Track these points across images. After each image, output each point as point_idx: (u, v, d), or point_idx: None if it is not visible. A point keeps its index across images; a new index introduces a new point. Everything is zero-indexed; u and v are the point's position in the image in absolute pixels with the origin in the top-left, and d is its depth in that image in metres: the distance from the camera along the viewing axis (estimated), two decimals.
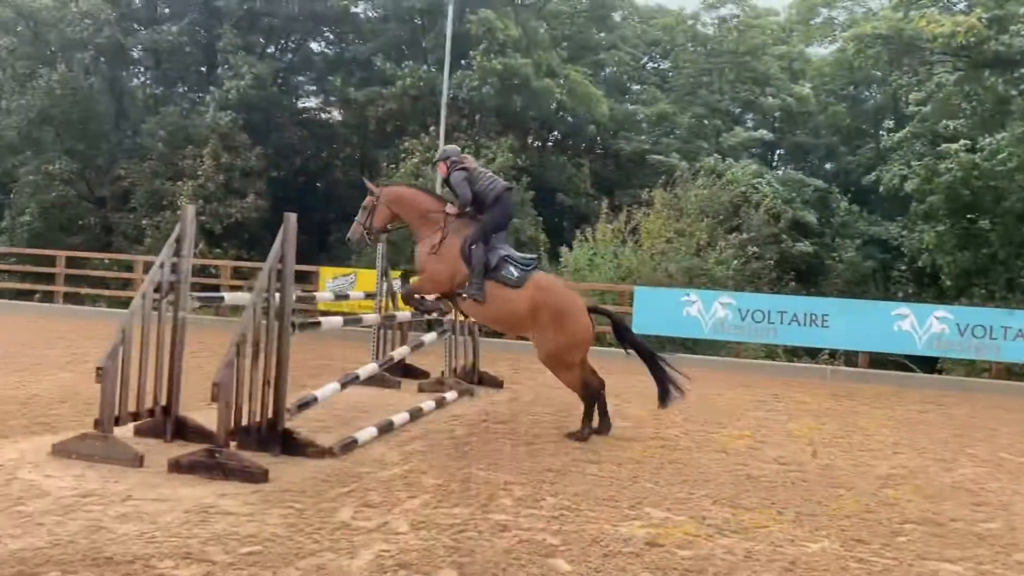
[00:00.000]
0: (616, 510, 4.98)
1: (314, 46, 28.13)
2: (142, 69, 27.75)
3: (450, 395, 8.47)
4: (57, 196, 23.95)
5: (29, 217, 23.47)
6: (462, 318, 9.36)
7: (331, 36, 27.78)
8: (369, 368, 7.63)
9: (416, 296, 7.44)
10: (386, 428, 6.72)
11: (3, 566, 3.58)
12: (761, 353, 15.67)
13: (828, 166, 28.81)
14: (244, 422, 5.64)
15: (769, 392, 10.90)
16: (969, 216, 19.45)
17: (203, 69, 26.59)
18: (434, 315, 8.11)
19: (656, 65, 31.58)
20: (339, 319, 7.43)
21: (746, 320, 13.65)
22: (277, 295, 5.91)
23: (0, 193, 25.72)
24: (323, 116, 29.04)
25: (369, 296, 9.53)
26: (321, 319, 7.21)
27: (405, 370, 9.64)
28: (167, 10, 25.88)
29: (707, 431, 7.80)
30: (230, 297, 7.12)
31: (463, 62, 23.14)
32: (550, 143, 28.41)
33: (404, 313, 9.05)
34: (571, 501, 5.10)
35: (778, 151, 30.00)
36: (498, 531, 4.45)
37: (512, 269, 7.07)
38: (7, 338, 11.90)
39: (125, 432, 5.84)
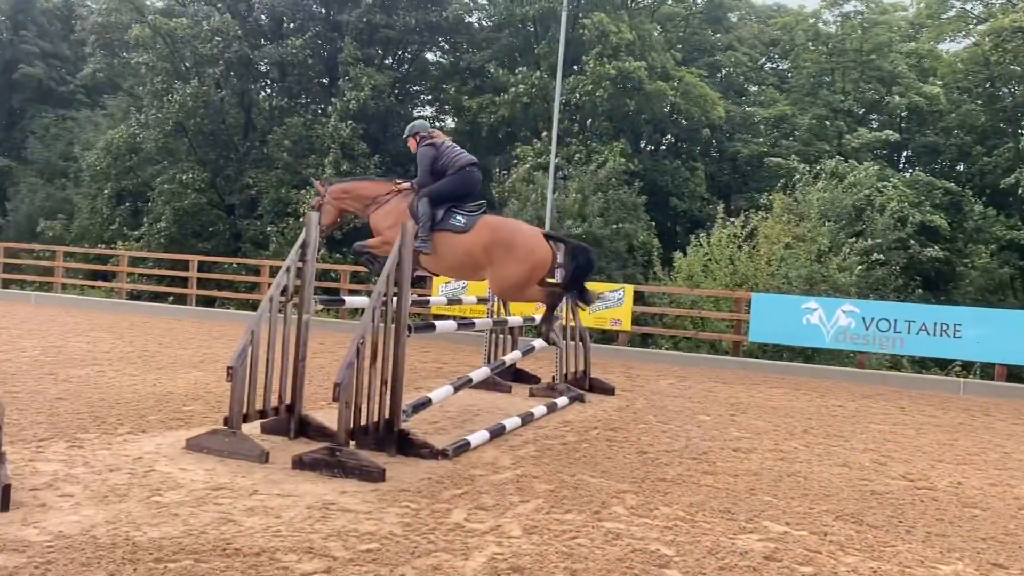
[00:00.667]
0: (732, 522, 4.85)
1: (429, 56, 28.81)
2: (268, 82, 29.07)
3: (561, 401, 8.46)
4: (190, 203, 25.37)
5: (164, 223, 24.94)
6: (572, 323, 9.36)
7: (446, 46, 28.36)
8: (481, 372, 7.71)
9: (366, 252, 7.47)
10: (498, 432, 6.77)
11: (142, 553, 3.80)
12: (886, 364, 14.96)
13: (960, 167, 27.21)
14: (363, 422, 5.80)
15: (895, 405, 10.39)
16: None
17: (325, 81, 27.61)
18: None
19: (774, 65, 30.72)
20: (452, 323, 7.54)
21: (870, 329, 13.06)
22: (394, 299, 6.06)
23: (139, 201, 27.45)
24: (437, 124, 29.72)
25: (481, 301, 9.63)
26: (435, 323, 7.33)
27: (516, 374, 9.70)
28: (291, 25, 27.02)
29: (828, 444, 7.50)
30: (350, 301, 7.34)
31: (575, 67, 23.15)
32: (663, 147, 28.05)
33: (516, 318, 9.12)
34: (685, 512, 5.00)
35: (905, 153, 28.58)
36: (611, 539, 4.41)
37: (459, 217, 7.18)
38: (146, 338, 12.67)
39: (252, 429, 6.11)
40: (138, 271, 21.38)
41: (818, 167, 20.79)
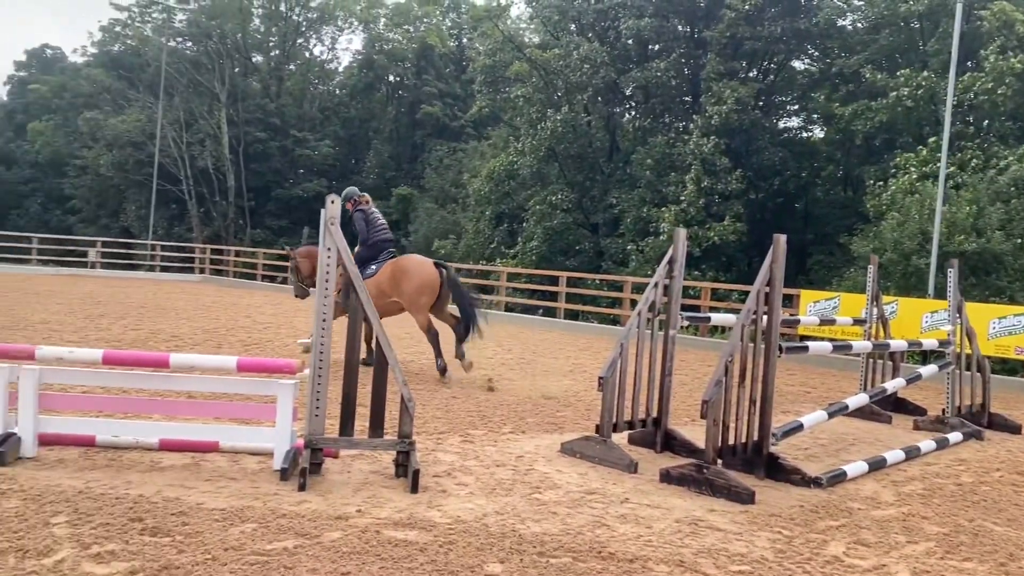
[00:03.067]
0: None
1: (796, 64, 27.65)
2: (632, 104, 30.03)
3: (953, 436, 7.55)
4: (559, 223, 27.06)
5: (536, 242, 26.87)
6: (968, 350, 8.32)
7: (815, 52, 27.01)
8: (858, 399, 7.17)
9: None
10: (878, 464, 6.24)
11: (527, 545, 4.10)
12: None
13: None
14: (730, 441, 5.70)
15: None
16: None
17: (687, 99, 27.83)
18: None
19: None
20: (827, 344, 7.12)
21: None
22: (764, 317, 5.88)
23: (515, 222, 29.91)
24: (804, 135, 28.38)
25: (857, 322, 8.97)
26: (808, 343, 6.97)
27: (898, 404, 8.87)
28: (656, 47, 27.65)
29: None
30: (716, 318, 7.28)
31: (969, 63, 20.67)
32: None
33: (899, 342, 8.34)
34: None
35: None
36: None
37: (372, 267, 9.70)
38: (522, 347, 13.73)
39: (620, 439, 6.31)
40: (513, 285, 23.27)
41: None
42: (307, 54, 47.43)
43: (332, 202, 5.05)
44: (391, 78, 44.57)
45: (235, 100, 41.50)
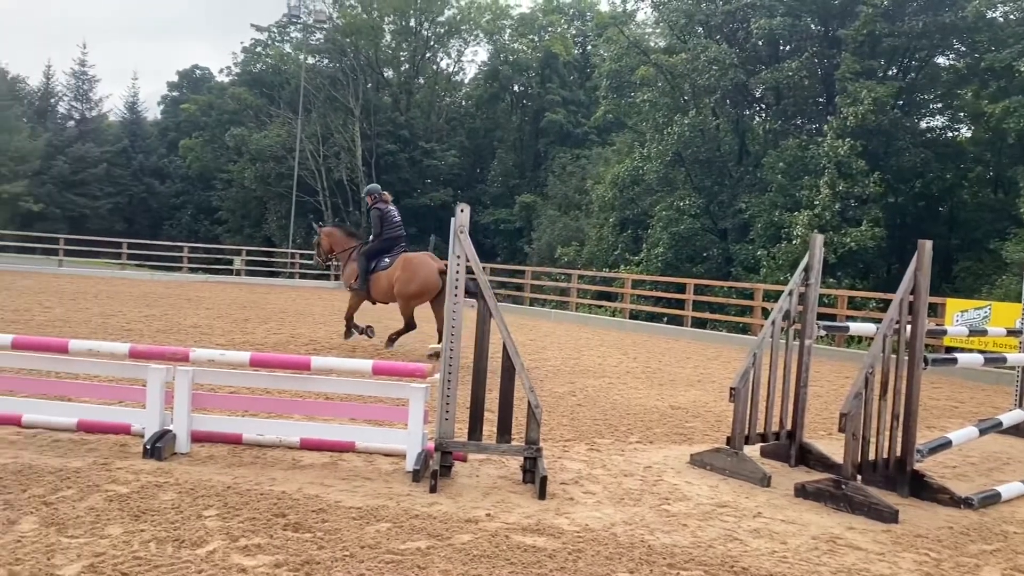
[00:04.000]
0: None
1: (940, 60, 26.13)
2: (763, 106, 29.21)
3: None
4: (685, 229, 26.60)
5: (662, 248, 26.50)
6: None
7: (961, 47, 25.44)
8: (1014, 415, 6.70)
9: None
10: None
11: (656, 556, 4.05)
12: None
13: None
14: (870, 457, 5.44)
15: None
16: None
17: (821, 100, 26.83)
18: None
19: None
20: (979, 357, 6.69)
21: None
22: (907, 327, 5.59)
23: (639, 228, 29.63)
24: (949, 135, 26.79)
25: (1012, 333, 8.38)
26: (957, 355, 6.57)
27: None
28: (787, 47, 26.80)
29: None
30: (855, 328, 6.97)
31: None
32: None
33: None
34: None
35: None
36: None
37: (387, 259, 10.89)
38: (648, 356, 13.57)
39: (752, 451, 6.13)
40: (637, 293, 23.06)
41: None
42: (434, 67, 48.69)
43: (462, 211, 5.16)
44: (515, 87, 45.13)
45: (368, 114, 43.07)
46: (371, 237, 11.32)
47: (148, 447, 5.16)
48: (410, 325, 10.89)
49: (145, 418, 5.34)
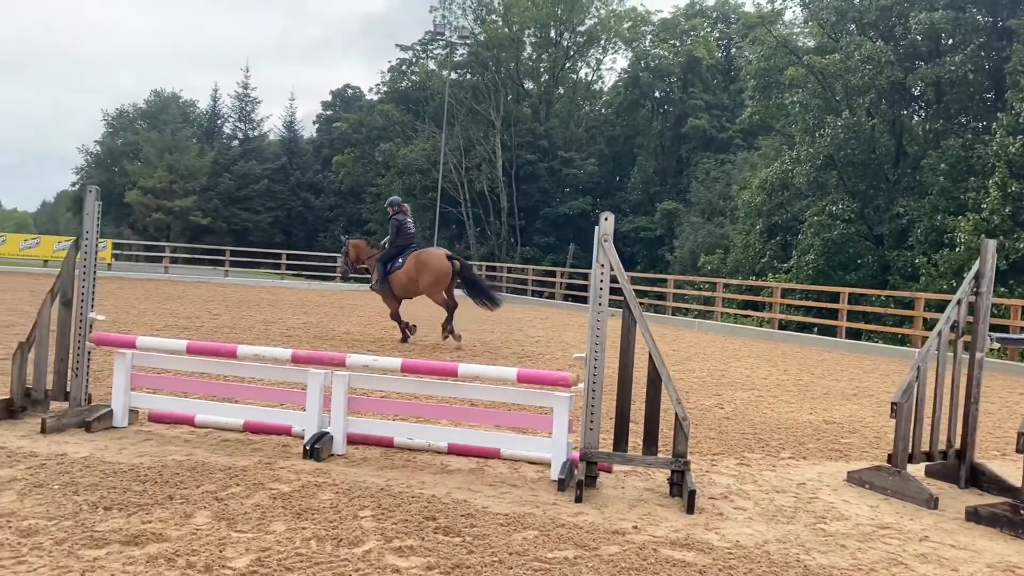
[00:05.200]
0: None
1: None
2: (922, 105, 27.55)
3: None
4: (838, 235, 25.42)
5: (813, 255, 25.43)
6: None
7: None
8: None
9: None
10: None
11: None
12: None
13: None
14: None
15: None
16: None
17: (988, 95, 25.00)
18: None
19: None
20: None
21: None
22: None
23: (788, 235, 28.55)
24: None
25: None
26: None
27: None
28: (950, 41, 25.17)
29: None
30: None
31: None
32: None
33: None
34: None
35: None
36: None
37: (400, 260, 12.45)
38: (799, 368, 13.04)
39: (916, 471, 5.76)
40: (787, 302, 22.20)
41: None
42: (574, 77, 48.88)
43: (606, 219, 5.13)
44: (656, 93, 44.63)
45: (508, 125, 43.77)
46: (384, 243, 13.02)
47: (308, 448, 5.42)
48: (450, 307, 12.38)
49: (305, 420, 5.62)
